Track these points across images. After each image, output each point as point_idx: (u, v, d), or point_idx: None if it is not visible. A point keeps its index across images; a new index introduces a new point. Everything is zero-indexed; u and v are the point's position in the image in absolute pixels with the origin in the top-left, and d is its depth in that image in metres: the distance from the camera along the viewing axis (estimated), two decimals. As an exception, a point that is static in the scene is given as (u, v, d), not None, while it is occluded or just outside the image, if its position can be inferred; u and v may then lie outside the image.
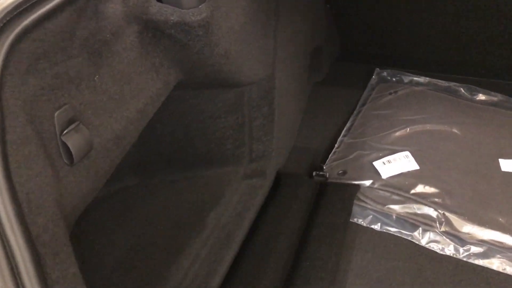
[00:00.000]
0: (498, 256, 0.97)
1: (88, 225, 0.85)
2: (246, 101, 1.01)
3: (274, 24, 0.93)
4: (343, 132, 1.37)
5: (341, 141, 1.33)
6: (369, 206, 1.11)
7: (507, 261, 0.96)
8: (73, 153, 0.52)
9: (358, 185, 1.16)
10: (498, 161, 1.20)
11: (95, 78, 0.57)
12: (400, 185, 1.13)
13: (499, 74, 1.51)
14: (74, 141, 0.52)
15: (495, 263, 0.96)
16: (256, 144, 1.09)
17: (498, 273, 0.95)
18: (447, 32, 1.51)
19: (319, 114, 1.48)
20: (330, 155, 1.29)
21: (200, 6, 0.66)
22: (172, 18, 0.65)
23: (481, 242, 1.00)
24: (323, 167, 1.24)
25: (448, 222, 1.04)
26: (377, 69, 1.59)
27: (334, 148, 1.31)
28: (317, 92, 1.55)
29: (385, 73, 1.57)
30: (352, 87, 1.57)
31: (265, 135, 1.08)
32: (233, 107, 1.00)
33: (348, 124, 1.40)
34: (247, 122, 1.04)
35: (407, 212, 1.08)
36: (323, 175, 1.20)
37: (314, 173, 1.21)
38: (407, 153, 1.21)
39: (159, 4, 0.65)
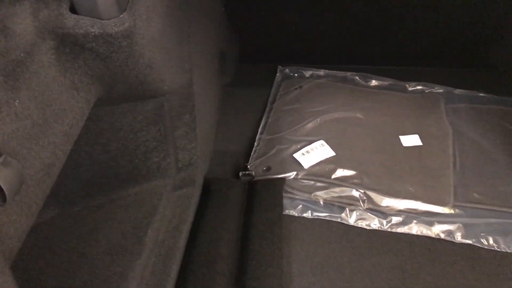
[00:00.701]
0: (415, 221, 1.09)
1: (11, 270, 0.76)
2: (167, 110, 0.98)
3: (187, 29, 0.92)
4: (259, 130, 1.40)
5: (260, 139, 1.37)
6: (297, 197, 1.16)
7: (423, 225, 1.08)
8: (5, 190, 0.45)
9: (284, 178, 1.20)
10: (399, 138, 1.34)
11: (15, 103, 0.50)
12: (322, 172, 1.20)
13: (385, 61, 1.69)
14: (4, 177, 0.45)
15: (414, 228, 1.08)
16: (181, 153, 1.06)
17: (417, 236, 1.06)
18: (337, 27, 1.64)
19: (232, 116, 1.50)
20: (251, 154, 1.31)
21: (121, 16, 0.63)
22: (92, 30, 0.60)
23: (399, 212, 1.11)
24: (247, 166, 1.26)
25: (370, 199, 1.14)
26: (280, 67, 1.67)
27: (254, 147, 1.34)
28: (226, 95, 1.57)
29: (287, 70, 1.65)
30: (259, 86, 1.62)
31: (189, 143, 1.06)
32: (153, 119, 0.96)
33: (262, 122, 1.44)
34: (169, 132, 1.02)
35: (332, 196, 1.15)
36: (249, 174, 1.22)
37: (240, 174, 1.22)
38: (322, 141, 1.29)
39: (75, 16, 0.60)
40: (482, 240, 1.05)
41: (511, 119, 1.43)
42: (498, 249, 1.03)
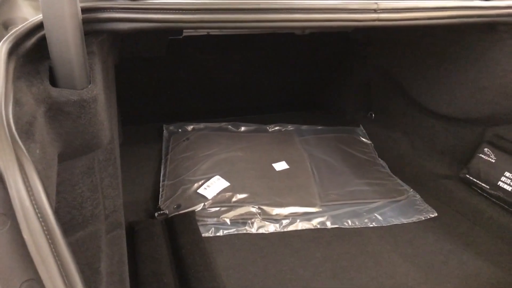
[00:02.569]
0: (298, 220, 1.46)
1: None
2: (96, 163, 1.17)
3: (111, 96, 1.15)
4: (161, 178, 1.64)
5: (163, 185, 1.60)
6: (208, 222, 1.43)
7: (304, 222, 1.46)
8: None
9: (194, 210, 1.46)
10: (272, 165, 1.73)
11: (37, 151, 0.69)
12: (223, 199, 1.50)
13: (249, 112, 2.13)
14: None
15: (299, 225, 1.44)
16: (107, 201, 1.24)
17: (302, 230, 1.43)
18: (205, 87, 2.03)
19: (133, 171, 1.70)
20: (160, 198, 1.53)
21: (89, 86, 0.85)
22: (72, 98, 0.81)
23: (286, 217, 1.47)
24: (160, 207, 1.48)
25: (264, 212, 1.47)
26: (165, 125, 1.95)
27: (160, 192, 1.57)
28: (123, 153, 1.77)
29: (171, 127, 1.94)
30: (149, 143, 1.87)
31: (113, 191, 1.25)
32: (87, 171, 1.14)
33: (162, 171, 1.68)
34: (99, 183, 1.20)
35: (236, 215, 1.45)
36: (164, 213, 1.44)
37: (156, 214, 1.43)
38: (218, 176, 1.60)
39: (57, 89, 0.80)
40: (344, 223, 1.47)
41: (342, 141, 1.98)
42: (355, 226, 1.46)
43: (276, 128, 2.03)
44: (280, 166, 1.74)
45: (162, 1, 0.98)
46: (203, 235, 1.37)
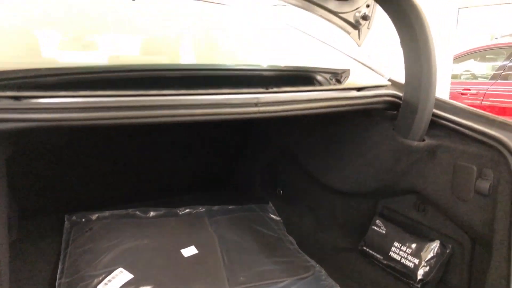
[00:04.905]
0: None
1: None
2: None
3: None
4: (57, 276, 1.52)
5: (59, 284, 1.49)
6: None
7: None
8: None
9: (93, 310, 1.36)
10: (180, 251, 1.70)
11: None
12: (125, 294, 1.43)
13: (159, 195, 2.11)
14: None
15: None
16: None
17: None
18: (111, 172, 1.99)
19: (23, 270, 1.57)
20: (55, 300, 1.42)
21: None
22: None
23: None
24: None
25: (168, 303, 1.42)
26: (67, 216, 1.85)
27: (57, 293, 1.45)
28: (17, 251, 1.64)
29: (74, 217, 1.85)
30: (51, 237, 1.75)
31: None
32: None
33: (59, 268, 1.56)
34: None
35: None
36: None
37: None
38: (121, 269, 1.53)
39: None
40: (252, 307, 1.45)
41: (253, 220, 2.02)
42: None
43: (187, 210, 2.02)
44: (189, 251, 1.71)
45: (47, 100, 0.99)
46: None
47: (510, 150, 1.15)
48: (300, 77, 1.66)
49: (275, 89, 1.16)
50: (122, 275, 1.51)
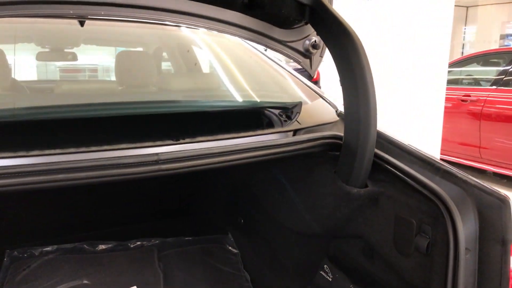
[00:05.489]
0: None
1: None
2: None
3: None
4: (-16, 322, 1.45)
5: (-16, 332, 1.41)
6: None
7: None
8: None
9: None
10: (127, 291, 1.61)
11: None
12: None
13: (110, 224, 2.02)
14: None
15: None
16: None
17: None
18: (59, 202, 1.90)
19: None
20: None
21: None
22: None
23: None
24: None
25: None
26: (8, 251, 1.76)
27: None
28: None
29: (15, 253, 1.77)
30: None
31: None
32: None
33: (-12, 313, 1.49)
34: None
35: None
36: None
37: None
38: (47, 317, 1.44)
39: None
40: None
41: (208, 253, 1.91)
42: None
43: (138, 243, 1.93)
44: (133, 292, 1.62)
45: None
46: None
47: (448, 207, 1.03)
48: (246, 114, 1.53)
49: (187, 140, 1.05)
50: (47, 324, 1.42)
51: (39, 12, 0.87)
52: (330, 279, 1.44)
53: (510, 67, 4.79)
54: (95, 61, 3.46)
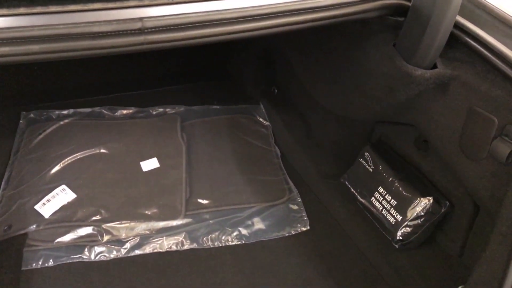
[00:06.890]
0: (148, 241, 1.26)
1: None
2: None
3: None
4: (2, 186, 1.40)
5: (2, 195, 1.37)
6: (40, 247, 1.22)
7: (155, 243, 1.26)
8: None
9: (25, 233, 1.24)
10: (139, 164, 1.50)
11: None
12: (62, 218, 1.29)
13: (131, 87, 1.83)
14: None
15: (147, 248, 1.25)
16: None
17: (151, 254, 1.24)
18: (75, 61, 1.70)
19: None
20: (-6, 214, 1.31)
21: None
22: None
23: (135, 237, 1.27)
24: (-14, 229, 1.26)
25: (108, 232, 1.27)
26: (23, 112, 1.65)
27: (-2, 205, 1.34)
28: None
29: (32, 115, 1.65)
30: (4, 136, 1.58)
31: None
32: None
33: (5, 176, 1.43)
34: None
35: (73, 238, 1.25)
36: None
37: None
38: (63, 186, 1.37)
39: None
40: (201, 242, 1.28)
41: (236, 124, 1.73)
42: (213, 246, 1.27)
43: (161, 110, 1.75)
44: (149, 164, 1.51)
45: None
46: (29, 266, 1.17)
47: None
48: None
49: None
50: (63, 194, 1.35)
51: None
52: (371, 170, 1.24)
53: None
54: None
